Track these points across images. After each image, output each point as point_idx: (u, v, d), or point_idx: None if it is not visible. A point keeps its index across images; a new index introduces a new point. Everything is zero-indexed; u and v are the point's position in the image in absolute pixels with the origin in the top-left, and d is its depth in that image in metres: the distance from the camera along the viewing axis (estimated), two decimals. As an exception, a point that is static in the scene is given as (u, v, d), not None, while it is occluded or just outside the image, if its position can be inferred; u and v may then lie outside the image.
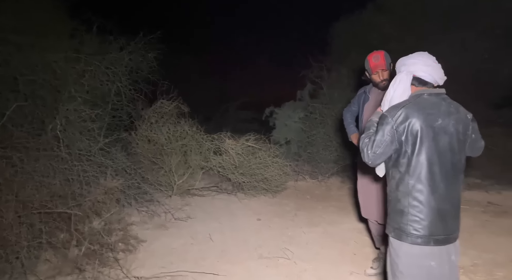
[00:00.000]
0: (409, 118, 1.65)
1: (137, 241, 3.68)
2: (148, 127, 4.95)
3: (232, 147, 4.57)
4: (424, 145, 1.64)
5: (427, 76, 1.74)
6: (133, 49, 5.11)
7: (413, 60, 1.77)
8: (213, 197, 5.02)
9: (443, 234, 1.64)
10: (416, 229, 1.64)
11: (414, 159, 1.65)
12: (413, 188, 1.65)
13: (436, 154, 1.64)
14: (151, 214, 4.30)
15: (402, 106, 1.70)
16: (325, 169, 5.66)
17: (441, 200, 1.64)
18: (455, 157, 1.68)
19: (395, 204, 1.72)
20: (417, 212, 1.64)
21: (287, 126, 6.16)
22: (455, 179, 1.67)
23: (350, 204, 4.71)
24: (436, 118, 1.66)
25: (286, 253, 3.38)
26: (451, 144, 1.67)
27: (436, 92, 1.74)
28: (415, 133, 1.64)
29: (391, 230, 1.73)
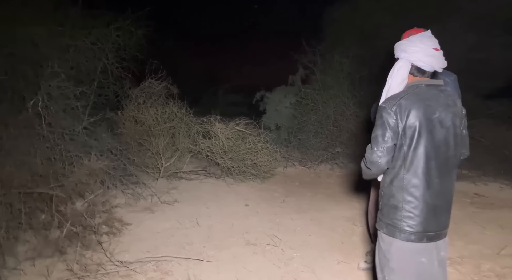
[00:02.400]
0: (407, 110, 1.58)
1: (121, 224, 3.59)
2: (136, 107, 4.81)
3: (222, 131, 4.47)
4: (422, 139, 1.57)
5: (427, 66, 1.66)
6: (120, 25, 4.89)
7: (414, 48, 1.67)
8: (201, 181, 4.94)
9: (435, 230, 1.61)
10: (410, 225, 1.59)
11: (411, 153, 1.58)
12: (408, 183, 1.59)
13: (433, 148, 1.58)
14: (136, 197, 4.20)
15: (400, 97, 1.62)
16: (314, 156, 5.62)
17: (436, 196, 1.59)
18: (450, 151, 1.62)
19: (389, 199, 1.66)
20: (412, 208, 1.59)
21: (278, 112, 6.08)
22: (449, 174, 1.62)
23: (339, 192, 4.69)
24: (434, 110, 1.59)
25: (273, 240, 3.34)
26: (447, 138, 1.60)
27: (434, 83, 1.67)
28: (414, 126, 1.57)
29: (383, 226, 1.68)
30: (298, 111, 5.96)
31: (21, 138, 3.39)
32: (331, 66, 6.24)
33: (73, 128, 3.69)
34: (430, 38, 1.68)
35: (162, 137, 4.74)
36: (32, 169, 3.26)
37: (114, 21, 4.85)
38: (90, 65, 4.57)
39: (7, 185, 3.05)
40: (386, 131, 1.61)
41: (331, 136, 5.72)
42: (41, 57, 3.92)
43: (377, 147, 1.63)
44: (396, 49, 1.76)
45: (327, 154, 5.59)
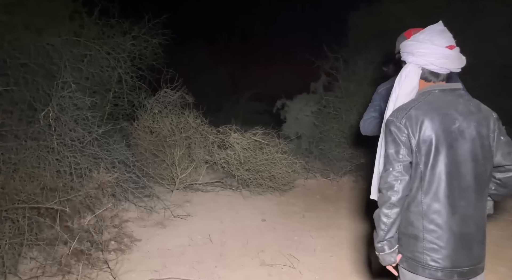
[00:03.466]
0: (420, 121, 1.32)
1: (131, 240, 3.44)
2: (151, 117, 4.68)
3: (238, 142, 4.26)
4: (440, 155, 1.31)
5: (440, 69, 1.39)
6: (136, 34, 4.81)
7: (424, 50, 1.39)
8: (217, 193, 4.74)
9: (468, 265, 1.31)
10: (434, 259, 1.31)
11: (429, 173, 1.32)
12: (428, 208, 1.32)
13: (455, 164, 1.31)
14: (149, 210, 4.04)
15: (410, 107, 1.37)
16: (337, 167, 5.30)
17: (464, 223, 1.31)
18: (479, 167, 1.33)
19: (407, 228, 1.39)
20: (435, 238, 1.31)
21: (298, 120, 5.81)
22: (479, 194, 1.34)
23: (363, 207, 4.35)
24: (453, 119, 1.33)
25: (290, 261, 3.08)
26: (473, 152, 1.33)
27: (450, 88, 1.40)
28: (429, 140, 1.31)
29: (403, 260, 1.40)
30: (320, 119, 5.67)
31: (30, 150, 3.30)
32: (355, 73, 5.93)
33: (83, 140, 3.57)
34: (441, 34, 1.39)
35: (178, 147, 4.58)
36: (40, 182, 3.16)
37: (130, 30, 4.79)
38: (105, 75, 4.50)
39: (13, 199, 2.96)
40: (400, 148, 1.35)
41: (355, 146, 5.39)
42: (54, 67, 3.87)
43: (392, 167, 1.36)
44: (402, 51, 1.48)
45: (351, 165, 5.26)
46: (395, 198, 1.36)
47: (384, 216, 1.38)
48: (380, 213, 1.40)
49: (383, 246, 1.41)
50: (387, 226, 1.38)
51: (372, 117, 2.48)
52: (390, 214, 1.37)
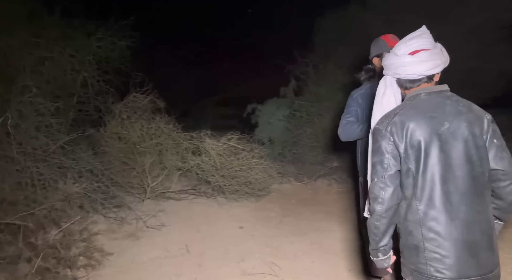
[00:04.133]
0: (405, 127, 1.29)
1: (101, 255, 3.22)
2: (119, 123, 4.45)
3: (213, 147, 4.14)
4: (430, 158, 1.27)
5: (409, 75, 1.39)
6: (102, 36, 4.58)
7: (387, 61, 1.43)
8: (191, 201, 4.58)
9: (477, 275, 1.24)
10: (438, 270, 1.25)
11: (420, 178, 1.28)
12: (425, 215, 1.28)
13: (448, 168, 1.26)
14: (120, 222, 3.82)
15: (395, 113, 1.35)
16: (311, 171, 5.31)
17: (467, 228, 1.25)
18: (476, 168, 1.28)
19: (407, 239, 1.35)
20: (436, 247, 1.26)
21: (271, 125, 5.79)
22: (480, 197, 1.28)
23: (340, 210, 4.38)
24: (441, 121, 1.29)
25: (272, 268, 3.00)
26: (468, 153, 1.28)
27: (436, 90, 1.37)
28: (417, 145, 1.28)
29: (408, 273, 1.35)
30: (293, 124, 5.67)
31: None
32: (325, 77, 6.00)
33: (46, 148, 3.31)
34: (407, 42, 1.40)
35: (148, 154, 4.38)
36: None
37: (95, 31, 4.55)
38: (68, 78, 4.23)
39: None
40: (384, 157, 1.32)
41: (328, 150, 5.44)
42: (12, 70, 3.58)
43: (377, 177, 1.33)
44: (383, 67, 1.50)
45: (324, 169, 5.29)
46: (381, 209, 1.33)
47: (374, 227, 1.37)
48: (370, 224, 1.38)
49: (376, 253, 1.40)
50: (378, 236, 1.37)
51: (349, 122, 2.46)
52: (379, 225, 1.35)
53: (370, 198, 1.37)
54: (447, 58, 1.40)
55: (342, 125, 2.47)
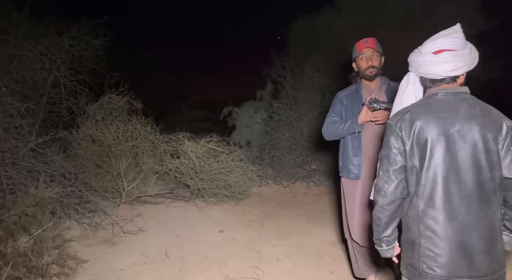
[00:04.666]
0: (414, 124, 1.31)
1: (76, 262, 3.06)
2: (93, 125, 4.28)
3: (192, 150, 4.06)
4: (435, 158, 1.28)
5: (430, 75, 1.39)
6: (75, 34, 4.40)
7: (415, 58, 1.42)
8: (168, 205, 4.47)
9: (469, 276, 1.26)
10: (430, 267, 1.27)
11: (423, 176, 1.29)
12: (423, 213, 1.30)
13: (452, 169, 1.27)
14: (94, 227, 3.66)
15: (407, 110, 1.37)
16: (289, 174, 5.33)
17: (463, 230, 1.26)
18: (483, 173, 1.27)
19: (406, 233, 1.38)
20: (431, 245, 1.28)
21: (249, 127, 5.76)
22: (483, 202, 1.27)
23: (319, 212, 4.41)
24: (452, 122, 1.29)
25: (255, 272, 2.97)
26: (475, 157, 1.27)
27: (454, 91, 1.36)
28: (423, 143, 1.29)
29: (403, 267, 1.38)
30: (271, 127, 5.67)
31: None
32: (302, 81, 6.05)
33: (16, 151, 3.13)
34: (434, 40, 1.39)
35: (124, 157, 4.24)
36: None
37: (67, 29, 4.37)
38: (38, 77, 4.02)
39: None
40: (391, 151, 1.35)
41: (306, 153, 5.47)
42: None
43: (383, 170, 1.37)
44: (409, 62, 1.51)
45: (303, 172, 5.32)
46: (383, 202, 1.36)
47: (376, 218, 1.41)
48: (374, 215, 1.43)
49: (380, 243, 1.44)
50: (380, 227, 1.41)
51: (333, 122, 2.49)
52: (381, 217, 1.39)
53: (375, 191, 1.41)
54: (474, 60, 1.38)
55: (326, 124, 2.52)
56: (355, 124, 2.32)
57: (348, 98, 2.52)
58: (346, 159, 2.47)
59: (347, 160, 2.46)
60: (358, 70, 2.45)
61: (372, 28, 7.36)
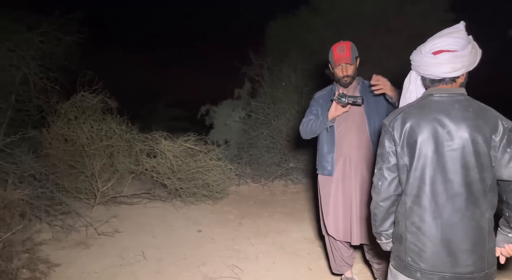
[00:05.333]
0: (406, 124, 1.33)
1: (47, 266, 2.96)
2: (65, 124, 4.14)
3: (169, 149, 4.00)
4: (423, 159, 1.30)
5: (430, 75, 1.39)
6: (45, 30, 4.24)
7: (415, 57, 1.41)
8: (145, 205, 4.39)
9: (452, 272, 1.29)
10: (415, 260, 1.32)
11: (412, 175, 1.32)
12: (410, 210, 1.34)
13: (439, 170, 1.29)
14: (67, 230, 3.54)
15: (402, 110, 1.39)
16: (267, 172, 5.35)
17: (447, 229, 1.29)
18: (471, 175, 1.28)
19: (395, 228, 1.44)
20: (416, 241, 1.32)
21: (227, 126, 5.74)
22: (471, 203, 1.28)
23: (297, 210, 4.44)
24: (442, 124, 1.30)
25: (234, 271, 2.95)
26: (464, 158, 1.28)
27: (449, 92, 1.36)
28: (413, 143, 1.31)
29: (392, 258, 1.44)
30: (249, 125, 5.67)
31: None
32: (280, 80, 6.09)
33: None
34: (434, 40, 1.39)
35: (98, 157, 4.13)
36: None
37: (37, 25, 4.20)
38: (6, 75, 3.85)
39: None
40: (384, 150, 1.39)
41: (284, 151, 5.51)
42: None
43: (377, 168, 1.41)
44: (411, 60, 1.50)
45: (281, 170, 5.35)
46: (377, 198, 1.42)
47: (373, 213, 1.48)
48: (371, 210, 1.49)
49: (379, 236, 1.52)
50: (377, 221, 1.47)
51: (309, 120, 2.52)
52: (376, 213, 1.45)
53: (371, 187, 1.47)
54: (474, 61, 1.37)
55: (303, 123, 2.55)
56: (325, 119, 2.37)
57: (324, 98, 2.56)
58: (321, 156, 2.50)
59: (321, 157, 2.49)
60: (333, 75, 2.49)
61: (347, 28, 7.51)
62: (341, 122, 2.41)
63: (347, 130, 2.41)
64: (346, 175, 2.40)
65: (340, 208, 2.41)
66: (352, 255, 2.60)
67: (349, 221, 2.39)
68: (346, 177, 2.40)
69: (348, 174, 2.39)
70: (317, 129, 2.44)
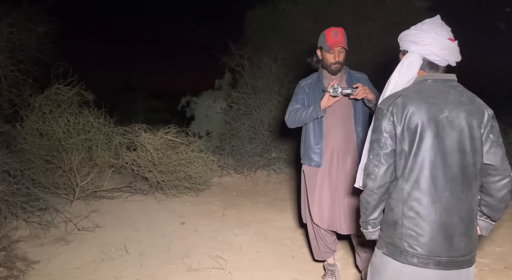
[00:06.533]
0: (406, 109, 1.33)
1: (25, 264, 2.89)
2: (40, 118, 4.01)
3: (150, 142, 3.93)
4: (424, 143, 1.31)
5: (441, 60, 1.40)
6: (15, 21, 4.07)
7: (427, 39, 1.39)
8: (126, 199, 4.32)
9: (447, 256, 1.31)
10: (411, 246, 1.32)
11: (411, 160, 1.32)
12: (409, 195, 1.33)
13: (440, 154, 1.31)
14: (45, 226, 3.46)
15: (399, 95, 1.38)
16: (250, 163, 5.35)
17: (446, 212, 1.31)
18: (466, 158, 1.31)
19: (388, 214, 1.41)
20: (413, 225, 1.32)
21: (209, 117, 5.69)
22: (466, 186, 1.32)
23: (280, 200, 4.47)
24: (442, 108, 1.32)
25: (218, 262, 2.95)
26: (461, 142, 1.31)
27: (443, 78, 1.40)
28: (414, 128, 1.32)
29: (383, 245, 1.41)
30: (230, 116, 5.64)
31: None
32: (261, 70, 6.05)
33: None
34: (442, 26, 1.40)
35: (76, 151, 4.02)
36: None
37: (5, 15, 4.03)
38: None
39: None
40: (382, 136, 1.36)
41: (266, 141, 5.51)
42: None
43: (373, 154, 1.38)
44: (403, 40, 1.47)
45: (263, 160, 5.36)
46: (372, 185, 1.38)
47: (365, 202, 1.42)
48: (362, 198, 1.44)
49: (366, 225, 1.46)
50: (368, 210, 1.42)
51: (295, 109, 2.49)
52: (370, 200, 1.41)
53: (364, 175, 1.41)
54: None
55: (289, 111, 2.49)
56: (318, 109, 2.32)
57: (310, 87, 2.51)
58: (307, 147, 2.48)
59: (308, 148, 2.47)
60: (322, 61, 2.43)
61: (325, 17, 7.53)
62: (329, 113, 2.39)
63: (334, 122, 2.40)
64: (333, 166, 2.40)
65: (326, 199, 2.41)
66: (335, 241, 2.63)
67: (335, 211, 2.39)
68: (333, 169, 2.40)
69: (335, 165, 2.39)
70: (307, 118, 2.39)
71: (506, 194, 1.39)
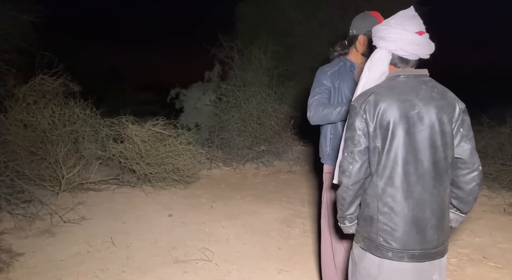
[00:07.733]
0: (378, 106, 1.33)
1: (10, 256, 2.87)
2: (24, 109, 3.94)
3: (137, 134, 3.90)
4: (396, 140, 1.31)
5: (410, 55, 1.39)
6: (-1, 9, 3.97)
7: (394, 35, 1.37)
8: (113, 191, 4.29)
9: (420, 249, 1.34)
10: (386, 240, 1.34)
11: (384, 157, 1.33)
12: (383, 191, 1.35)
13: (411, 150, 1.32)
14: (30, 218, 3.42)
15: (372, 92, 1.38)
16: (239, 155, 5.34)
17: (418, 207, 1.33)
18: (438, 154, 1.33)
19: (364, 209, 1.43)
20: (388, 221, 1.34)
21: (198, 110, 5.65)
22: (437, 181, 1.34)
23: (268, 192, 4.49)
24: (413, 105, 1.32)
25: (205, 254, 2.96)
26: (432, 138, 1.33)
27: (415, 73, 1.39)
28: (386, 125, 1.32)
29: (360, 240, 1.43)
30: (220, 109, 5.61)
31: None
32: (250, 62, 6.02)
33: None
34: (412, 19, 1.38)
35: (62, 143, 3.97)
36: None
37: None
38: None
39: None
40: (355, 133, 1.36)
41: (255, 134, 5.51)
42: None
43: (347, 151, 1.38)
44: (373, 35, 1.46)
45: (252, 153, 5.36)
46: (347, 182, 1.39)
47: (341, 198, 1.44)
48: (338, 194, 1.45)
49: (343, 220, 1.49)
50: (344, 206, 1.44)
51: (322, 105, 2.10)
52: (345, 197, 1.42)
53: (340, 172, 1.42)
54: None
55: (314, 106, 2.12)
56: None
57: (337, 76, 2.17)
58: (337, 147, 2.06)
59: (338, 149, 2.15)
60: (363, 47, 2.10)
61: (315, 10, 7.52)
62: None
63: None
64: None
65: None
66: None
67: None
68: None
69: None
70: (339, 119, 2.07)
71: (474, 187, 1.41)
